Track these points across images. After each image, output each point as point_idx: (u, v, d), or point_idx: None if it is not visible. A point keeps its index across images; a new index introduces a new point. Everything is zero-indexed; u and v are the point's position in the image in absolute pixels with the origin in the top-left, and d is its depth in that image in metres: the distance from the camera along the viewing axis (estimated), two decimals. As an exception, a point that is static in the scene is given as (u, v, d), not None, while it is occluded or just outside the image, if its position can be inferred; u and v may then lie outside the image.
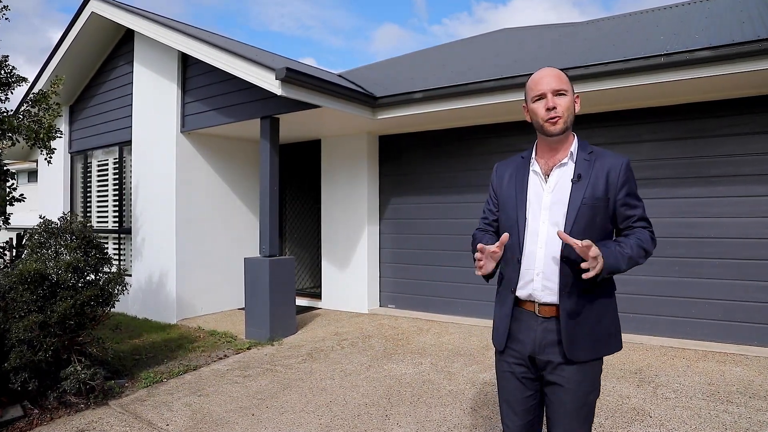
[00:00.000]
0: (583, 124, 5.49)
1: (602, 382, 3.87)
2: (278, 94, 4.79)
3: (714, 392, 3.62)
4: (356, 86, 5.95)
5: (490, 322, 5.79)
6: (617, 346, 1.80)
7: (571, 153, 1.77)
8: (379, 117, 5.83)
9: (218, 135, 6.92)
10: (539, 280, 1.74)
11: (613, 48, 5.20)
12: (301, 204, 8.47)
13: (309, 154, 7.84)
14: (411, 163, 6.75)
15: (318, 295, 7.48)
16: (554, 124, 1.71)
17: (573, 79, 4.74)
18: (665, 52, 4.16)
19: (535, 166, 1.82)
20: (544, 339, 1.75)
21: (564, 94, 1.73)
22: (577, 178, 1.72)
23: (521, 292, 1.79)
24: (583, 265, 1.56)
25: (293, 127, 6.44)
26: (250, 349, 5.13)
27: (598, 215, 1.71)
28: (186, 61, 6.52)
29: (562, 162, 1.76)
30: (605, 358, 1.85)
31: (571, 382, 1.72)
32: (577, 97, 1.80)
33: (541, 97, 1.74)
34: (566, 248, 1.67)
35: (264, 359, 4.76)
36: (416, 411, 3.46)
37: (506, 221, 1.85)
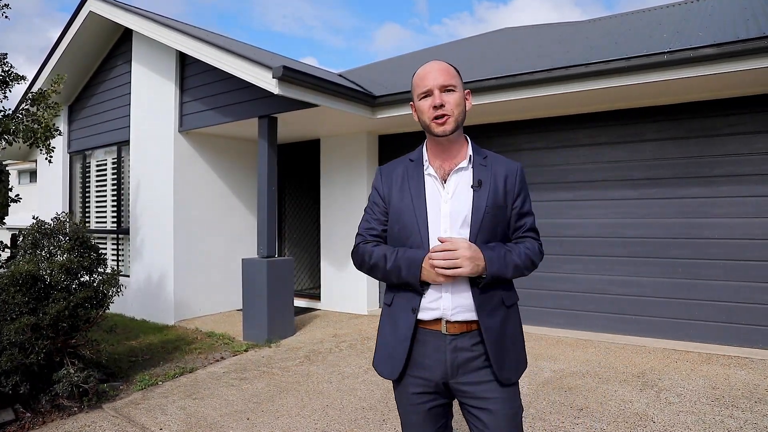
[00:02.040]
0: (584, 123, 5.43)
1: (604, 386, 3.81)
2: (275, 93, 4.73)
3: (719, 396, 3.55)
4: (355, 85, 5.89)
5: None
6: (526, 363, 1.67)
7: (470, 157, 1.62)
8: (378, 116, 5.77)
9: (217, 134, 6.87)
10: (449, 297, 1.54)
11: (615, 46, 5.13)
12: (301, 204, 8.42)
13: (308, 154, 7.78)
14: (411, 163, 6.67)
15: (317, 296, 7.42)
16: (443, 123, 1.55)
17: (574, 78, 4.69)
18: (668, 50, 4.09)
19: (430, 170, 1.63)
20: (456, 359, 1.54)
21: (453, 90, 1.56)
22: (478, 184, 1.58)
23: (426, 314, 1.56)
24: (441, 264, 1.45)
25: (292, 126, 6.39)
26: (247, 351, 5.07)
27: (500, 224, 1.59)
28: (184, 61, 6.47)
29: (461, 166, 1.60)
30: (606, 360, 1.77)
31: (499, 403, 1.53)
32: (468, 93, 1.64)
33: (428, 94, 1.57)
34: None
35: (261, 361, 4.70)
36: (414, 415, 3.39)
37: (401, 232, 1.62)
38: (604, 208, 5.33)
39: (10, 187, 4.81)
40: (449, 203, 1.57)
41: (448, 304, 1.54)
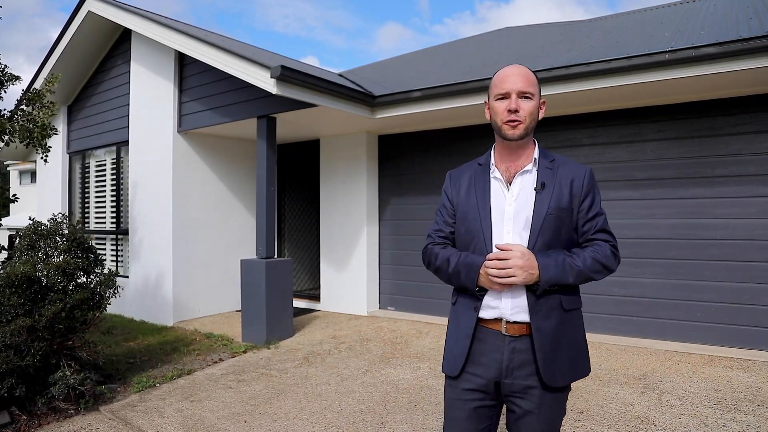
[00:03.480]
0: (585, 122, 5.39)
1: (605, 388, 3.77)
2: (274, 93, 4.70)
3: (721, 399, 3.51)
4: (355, 85, 5.86)
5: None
6: (587, 369, 1.68)
7: (535, 159, 1.65)
8: (377, 116, 5.74)
9: (216, 135, 6.84)
10: (508, 299, 1.58)
11: (616, 45, 5.09)
12: (300, 204, 8.39)
13: (308, 154, 7.76)
14: (411, 163, 6.66)
15: (317, 297, 7.39)
16: (514, 127, 1.58)
17: (575, 78, 4.65)
18: (669, 49, 4.05)
19: (495, 173, 1.68)
20: (512, 361, 1.58)
21: (529, 98, 1.59)
22: (540, 187, 1.60)
23: (487, 312, 1.62)
24: (494, 268, 1.49)
25: (291, 126, 6.36)
26: (246, 352, 5.04)
27: (564, 227, 1.60)
28: (183, 61, 6.44)
29: (526, 169, 1.64)
30: (607, 362, 1.75)
31: (543, 407, 1.58)
32: (543, 102, 1.67)
33: (505, 96, 1.60)
34: None
35: (259, 363, 4.67)
36: (413, 418, 3.36)
37: (467, 234, 1.68)
38: (604, 209, 5.28)
39: (7, 187, 4.78)
40: (513, 205, 1.61)
41: (507, 304, 1.58)
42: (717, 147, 4.79)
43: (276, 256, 5.98)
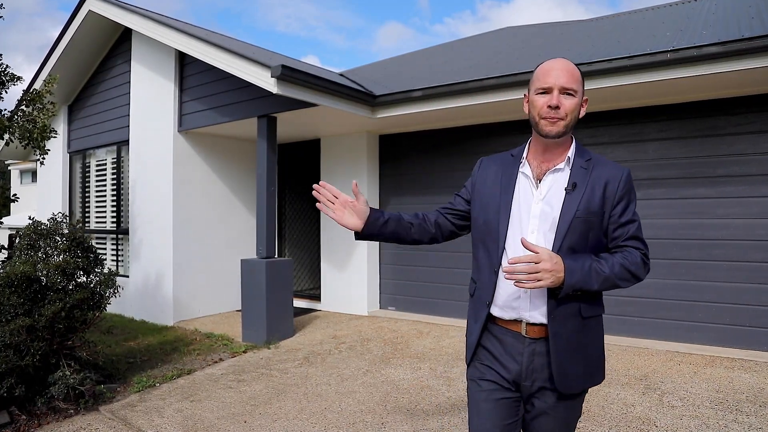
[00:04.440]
0: (586, 122, 5.37)
1: (606, 389, 3.76)
2: (274, 93, 4.70)
3: (722, 400, 3.50)
4: (355, 84, 5.84)
5: (491, 325, 5.71)
6: (603, 375, 1.66)
7: (569, 158, 1.57)
8: (378, 116, 5.73)
9: (216, 134, 6.83)
10: (527, 298, 1.54)
11: (617, 45, 5.08)
12: (301, 204, 8.37)
13: (308, 154, 7.74)
14: (412, 163, 6.64)
15: (317, 297, 7.38)
16: (553, 124, 1.51)
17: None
18: (671, 49, 4.04)
19: (525, 168, 1.62)
20: (532, 363, 1.56)
21: (572, 95, 1.51)
22: (571, 188, 1.52)
23: (506, 313, 1.58)
24: (510, 270, 1.44)
25: (292, 126, 6.35)
26: (246, 352, 5.03)
27: (592, 231, 1.53)
28: (183, 60, 6.44)
29: (558, 167, 1.57)
30: (608, 363, 1.74)
31: (558, 409, 1.57)
32: (586, 100, 1.59)
33: (546, 91, 1.52)
34: None
35: (259, 363, 4.66)
36: (413, 419, 3.35)
37: (484, 224, 1.64)
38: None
39: (8, 186, 4.77)
40: (540, 204, 1.55)
41: (526, 305, 1.54)
42: (719, 147, 4.77)
43: (276, 256, 5.97)
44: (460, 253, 6.12)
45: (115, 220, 7.46)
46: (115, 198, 7.46)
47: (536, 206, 1.55)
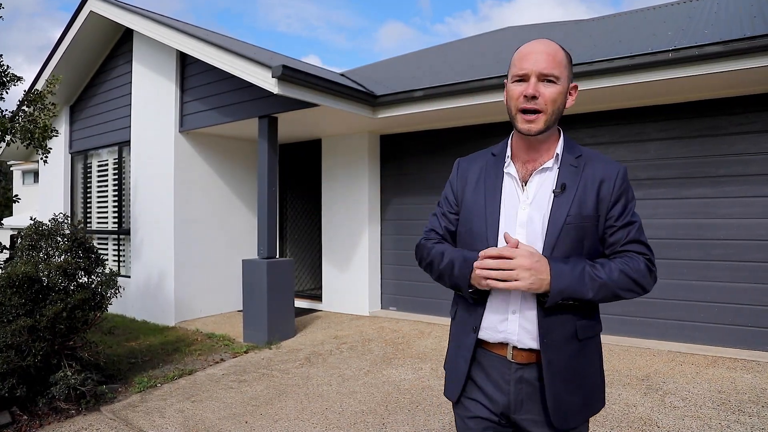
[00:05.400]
0: (587, 122, 5.37)
1: (608, 389, 3.75)
2: (275, 93, 4.70)
3: (724, 401, 3.49)
4: (356, 84, 5.84)
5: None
6: (602, 401, 1.45)
7: (557, 155, 1.38)
8: (379, 116, 5.73)
9: (217, 134, 6.84)
10: (515, 319, 1.34)
11: (618, 44, 5.07)
12: (302, 204, 8.38)
13: (309, 154, 7.75)
14: (413, 163, 6.64)
15: (318, 297, 7.38)
16: (530, 120, 1.31)
17: (576, 77, 4.64)
18: (672, 48, 4.03)
19: (510, 168, 1.41)
20: (519, 393, 1.35)
21: (553, 82, 1.30)
22: (560, 189, 1.33)
23: (489, 334, 1.37)
24: (479, 265, 1.26)
25: (293, 126, 6.35)
26: (247, 352, 5.03)
27: (587, 238, 1.33)
28: (184, 60, 6.44)
29: (545, 166, 1.37)
30: (609, 363, 1.61)
31: None
32: (574, 87, 1.38)
33: (523, 78, 1.31)
34: None
35: (261, 363, 4.66)
36: (414, 419, 3.35)
37: (468, 236, 1.43)
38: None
39: (10, 187, 4.78)
40: (527, 209, 1.36)
41: (514, 328, 1.34)
42: (720, 147, 4.76)
43: (277, 256, 5.98)
44: (462, 253, 6.11)
45: (116, 220, 7.47)
46: (116, 198, 7.47)
47: (523, 212, 1.36)
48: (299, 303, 7.18)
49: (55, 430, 3.30)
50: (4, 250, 4.43)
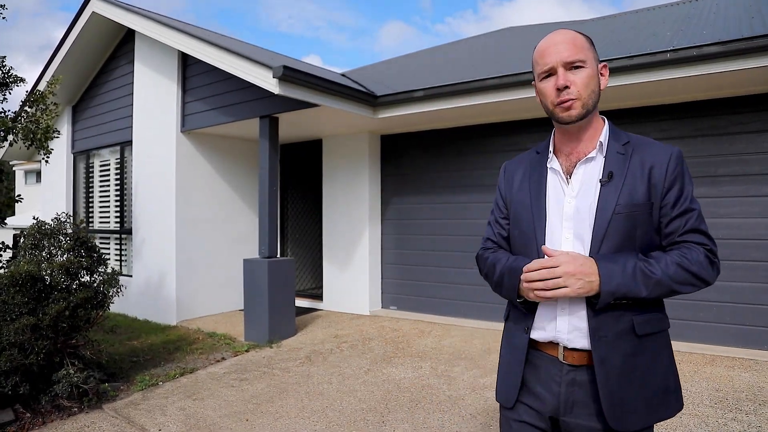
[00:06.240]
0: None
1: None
2: (276, 93, 4.72)
3: (722, 399, 3.51)
4: (357, 85, 5.87)
5: (492, 325, 5.74)
6: (678, 405, 1.32)
7: (600, 144, 1.33)
8: (380, 116, 5.75)
9: (219, 134, 6.87)
10: (565, 318, 1.29)
11: (618, 45, 5.09)
12: (303, 204, 8.41)
13: (310, 154, 7.78)
14: (413, 163, 6.66)
15: (319, 296, 7.41)
16: (568, 108, 1.28)
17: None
18: (671, 48, 4.05)
19: (553, 163, 1.38)
20: (571, 395, 1.29)
21: (581, 66, 1.28)
22: (607, 178, 1.28)
23: (539, 334, 1.34)
24: (525, 278, 1.22)
25: (294, 126, 6.38)
26: (248, 351, 5.06)
27: (639, 227, 1.26)
28: (186, 61, 6.47)
29: (589, 156, 1.32)
30: None
31: None
32: (604, 66, 1.36)
33: (550, 73, 1.30)
34: None
35: (261, 362, 4.69)
36: (413, 417, 3.37)
37: (519, 238, 1.41)
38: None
39: (12, 187, 4.82)
40: (572, 202, 1.31)
41: (563, 327, 1.29)
42: (720, 146, 4.78)
43: (278, 256, 6.00)
44: (461, 252, 6.14)
45: (118, 219, 7.51)
46: (118, 198, 7.50)
47: (569, 205, 1.31)
48: (300, 302, 7.21)
49: (58, 428, 3.33)
50: (8, 249, 4.45)
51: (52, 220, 4.05)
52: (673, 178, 1.27)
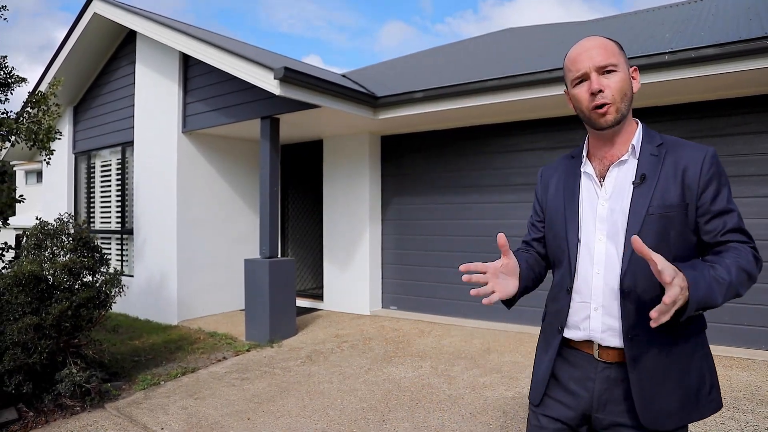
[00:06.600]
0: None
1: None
2: (277, 94, 4.75)
3: (720, 398, 3.53)
4: (357, 86, 5.90)
5: (492, 325, 5.76)
6: (714, 405, 1.31)
7: (633, 146, 1.34)
8: (380, 117, 5.78)
9: (220, 135, 6.89)
10: (598, 316, 1.31)
11: (617, 46, 5.10)
12: (303, 204, 8.44)
13: (311, 154, 7.81)
14: (413, 164, 6.69)
15: (320, 296, 7.44)
16: (604, 114, 1.29)
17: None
18: (669, 50, 4.07)
19: (587, 167, 1.40)
20: (605, 392, 1.30)
21: (614, 71, 1.29)
22: (640, 180, 1.29)
23: (573, 333, 1.36)
24: (654, 312, 1.07)
25: (295, 127, 6.40)
26: (249, 351, 5.09)
27: (673, 229, 1.26)
28: (187, 62, 6.50)
29: (622, 159, 1.34)
30: None
31: None
32: (635, 70, 1.37)
33: (583, 78, 1.31)
34: (629, 272, 1.27)
35: (262, 361, 4.72)
36: (414, 416, 3.40)
37: (553, 240, 1.44)
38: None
39: (14, 187, 4.85)
40: (606, 204, 1.33)
41: (597, 325, 1.31)
42: (718, 147, 4.79)
43: (279, 256, 6.03)
44: (462, 253, 6.17)
45: (119, 220, 7.54)
46: (119, 198, 7.53)
47: (602, 207, 1.33)
48: (300, 302, 7.23)
49: (61, 427, 3.35)
50: (10, 250, 4.48)
51: (54, 220, 4.08)
52: (708, 179, 1.26)
